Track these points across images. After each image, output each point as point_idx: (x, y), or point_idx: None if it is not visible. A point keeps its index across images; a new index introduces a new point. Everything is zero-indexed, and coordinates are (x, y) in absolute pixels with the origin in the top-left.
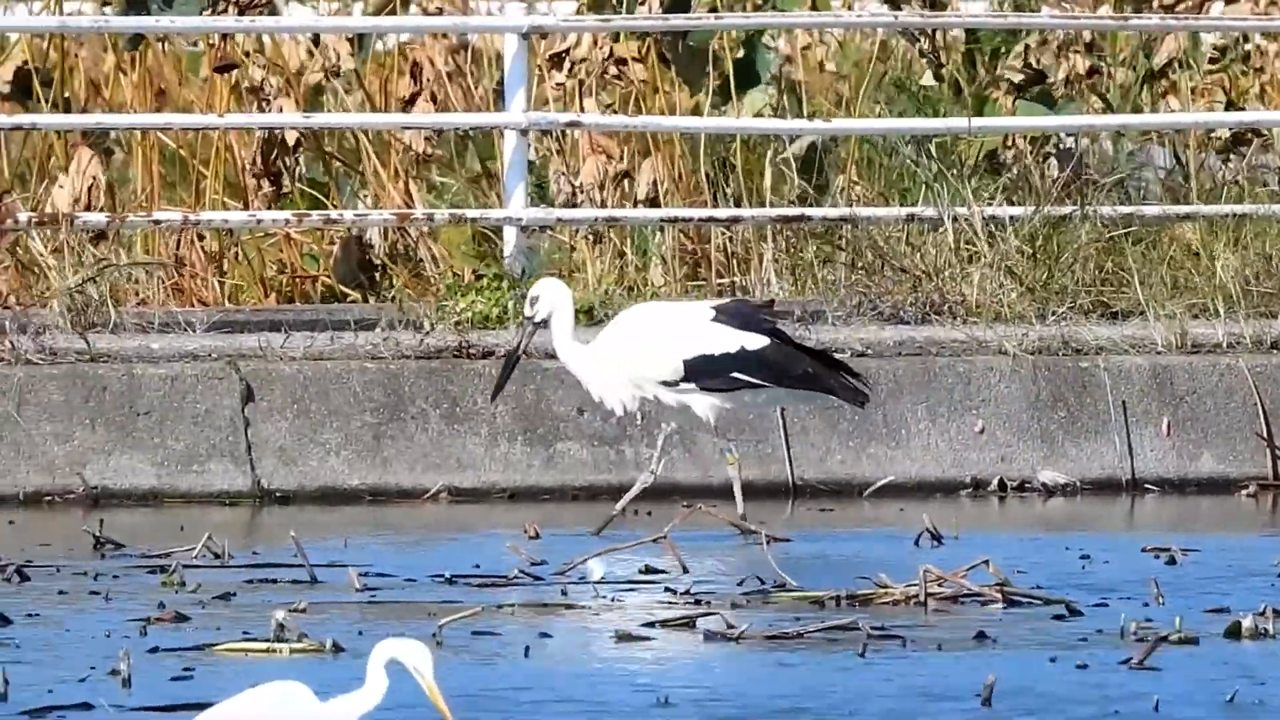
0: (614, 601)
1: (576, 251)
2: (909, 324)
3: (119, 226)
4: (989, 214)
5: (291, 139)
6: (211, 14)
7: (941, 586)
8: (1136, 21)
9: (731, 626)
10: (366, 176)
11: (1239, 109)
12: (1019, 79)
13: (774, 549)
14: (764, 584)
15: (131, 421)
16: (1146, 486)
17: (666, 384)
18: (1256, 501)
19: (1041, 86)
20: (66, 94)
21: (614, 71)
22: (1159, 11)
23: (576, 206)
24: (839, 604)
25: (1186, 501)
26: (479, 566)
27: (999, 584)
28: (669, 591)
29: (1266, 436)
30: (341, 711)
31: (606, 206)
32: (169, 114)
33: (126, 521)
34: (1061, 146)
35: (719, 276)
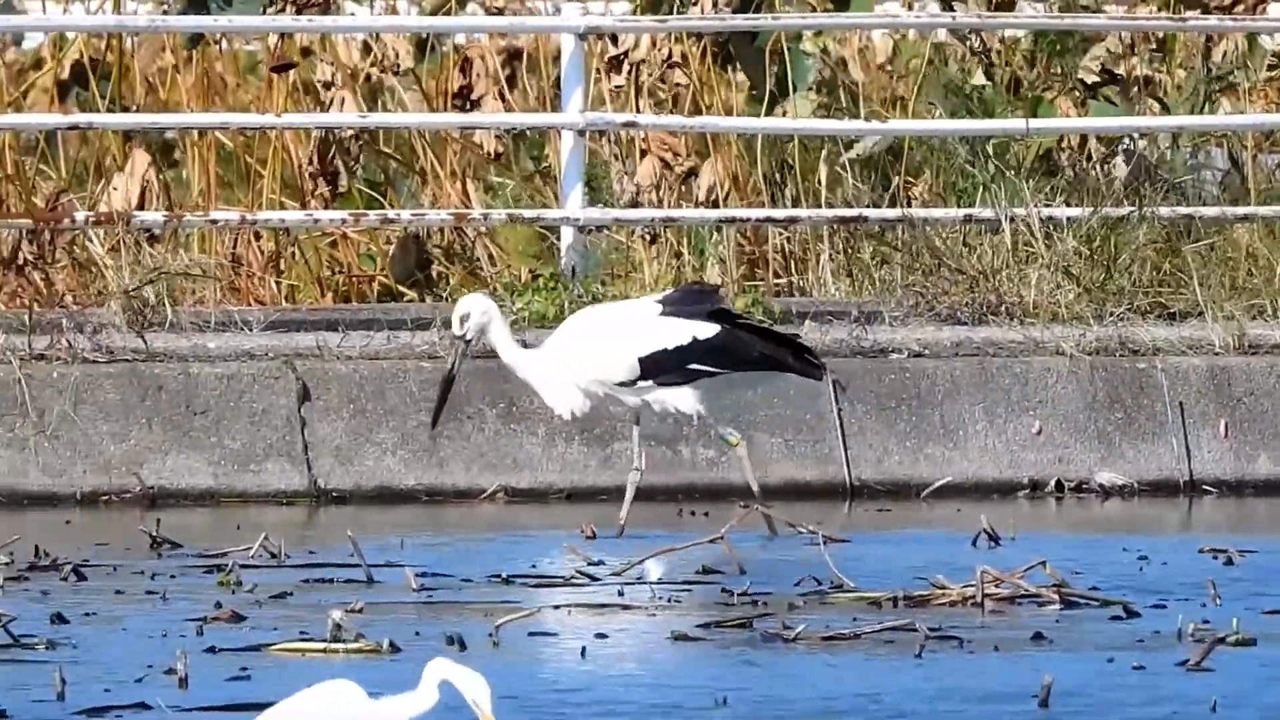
0: (671, 602)
1: (633, 252)
2: (966, 324)
3: (176, 226)
4: (1046, 215)
5: (348, 138)
6: (270, 13)
7: (999, 587)
8: (1195, 23)
9: (788, 627)
10: (424, 176)
11: None
12: (1093, 79)
13: (831, 549)
14: (821, 585)
15: (188, 421)
16: (1204, 488)
17: (624, 384)
18: None
19: (1117, 87)
20: (123, 93)
21: (672, 74)
22: (1216, 13)
23: (634, 207)
24: (896, 605)
25: (1244, 503)
26: (535, 567)
27: (1056, 585)
28: (726, 592)
29: None
30: (392, 712)
31: (664, 206)
32: (226, 113)
33: (183, 521)
34: (1121, 149)
35: (776, 277)
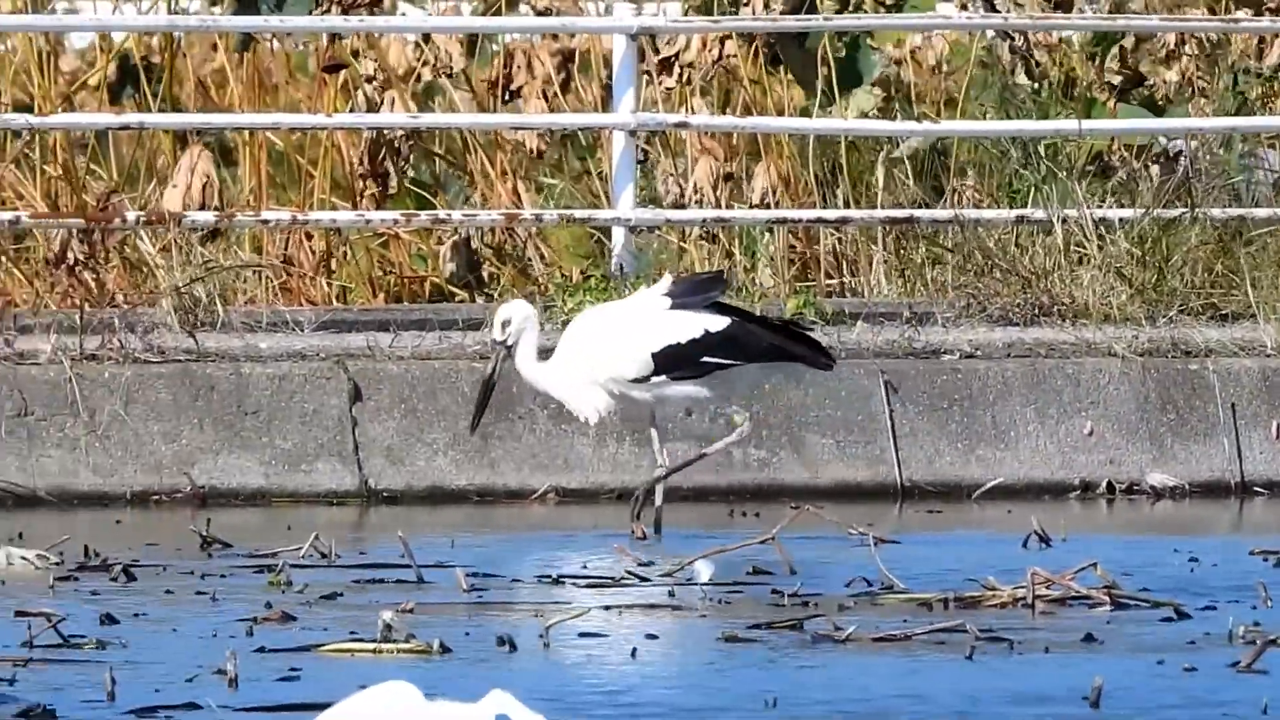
0: (721, 603)
1: (685, 253)
2: (1018, 325)
3: (227, 226)
4: (1098, 216)
5: (399, 138)
6: (318, 14)
7: (1049, 589)
8: (1247, 24)
9: (839, 628)
10: (475, 176)
11: None
12: (1118, 80)
13: (882, 551)
14: (871, 586)
15: (239, 421)
16: (1255, 489)
17: (638, 381)
18: None
19: (1147, 89)
20: (175, 93)
21: (723, 73)
22: (1268, 14)
23: (685, 207)
24: (947, 606)
25: None
26: (586, 567)
27: (1107, 586)
28: (776, 593)
29: None
30: (449, 717)
31: (717, 207)
32: (277, 114)
33: (233, 521)
34: (1171, 151)
35: (828, 278)
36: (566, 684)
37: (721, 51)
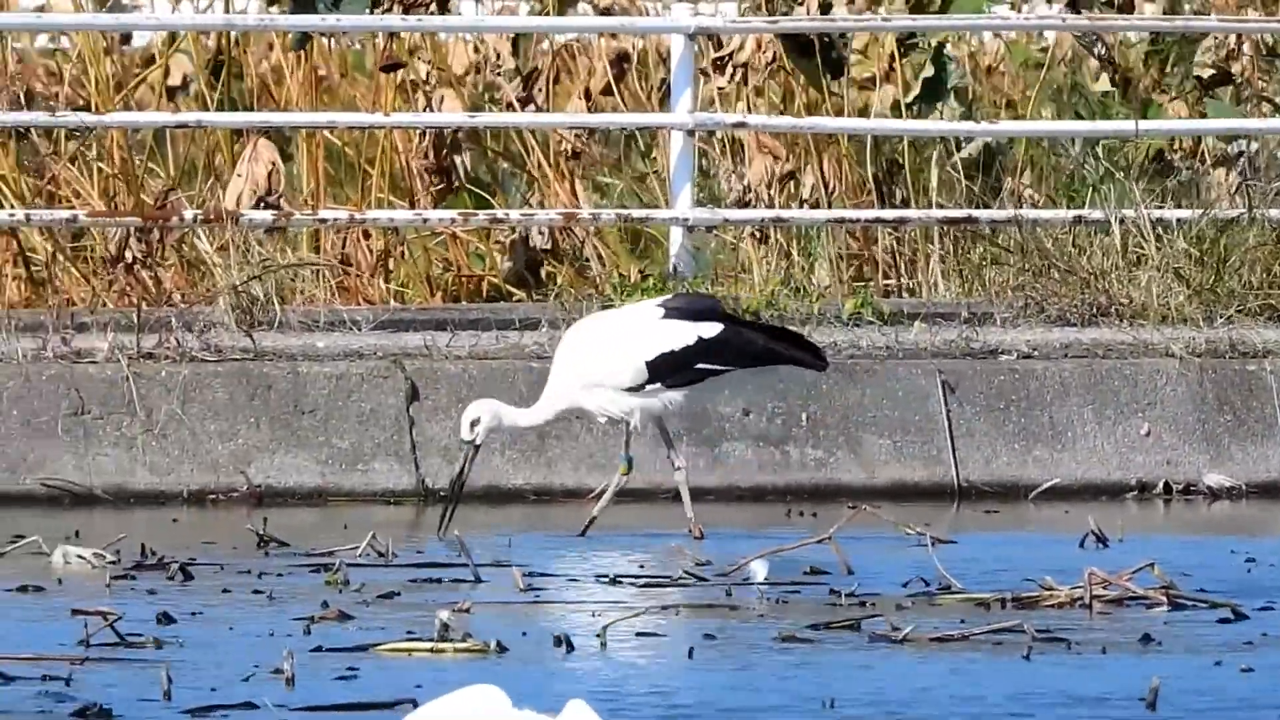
0: (778, 603)
1: (742, 253)
2: (1075, 326)
3: (285, 225)
4: (1156, 216)
5: (457, 137)
6: (377, 13)
7: (1106, 589)
8: None
9: (896, 629)
10: (533, 175)
11: None
12: (1209, 74)
13: (939, 551)
14: (929, 586)
15: (296, 420)
16: None
17: (631, 390)
18: None
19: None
20: (233, 92)
21: (782, 73)
22: None
23: (743, 207)
24: (1004, 606)
25: None
26: (643, 567)
27: (1164, 587)
28: (834, 593)
29: None
30: None
31: (774, 207)
32: (334, 112)
33: (290, 520)
34: (1231, 151)
35: (885, 278)
36: (623, 684)
37: (776, 51)
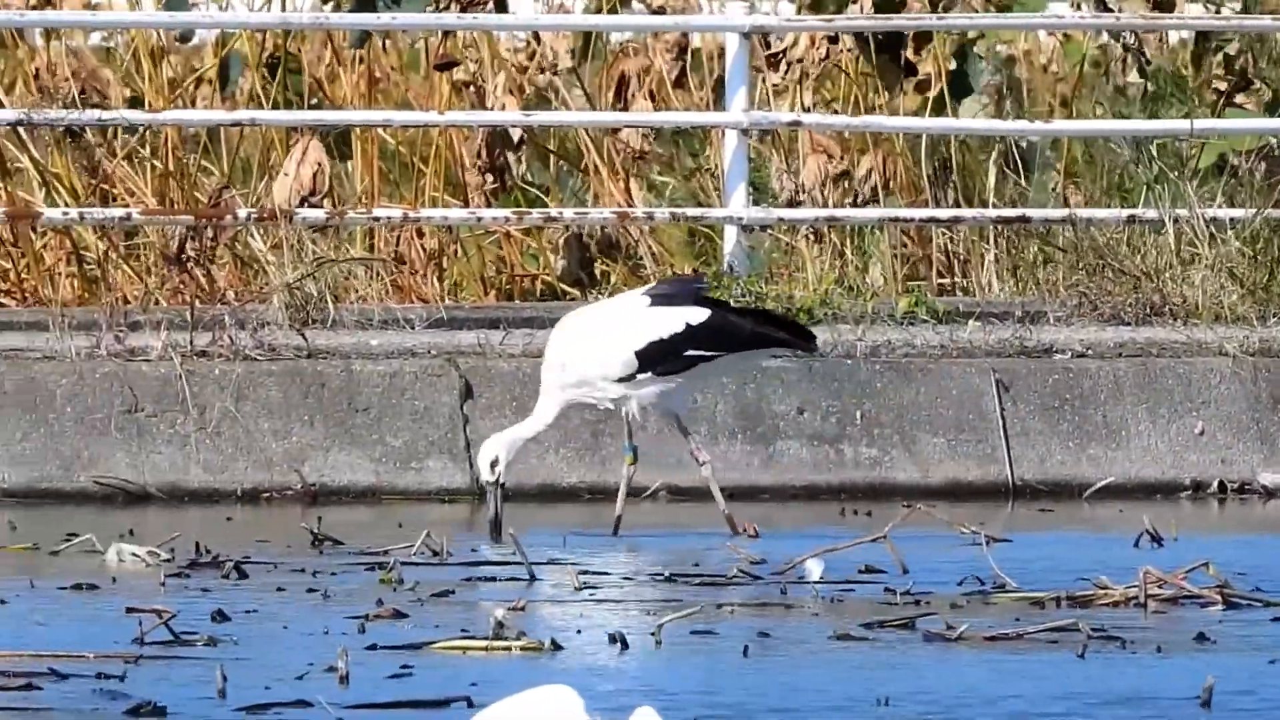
0: (833, 601)
1: (796, 252)
2: (1129, 325)
3: (338, 223)
4: (1210, 216)
5: (514, 136)
6: (435, 10)
7: (1161, 588)
8: None
9: (951, 627)
10: (587, 174)
11: None
12: (1224, 85)
13: (993, 549)
14: (983, 585)
15: (350, 418)
16: None
17: (622, 380)
18: None
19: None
20: (288, 90)
21: (836, 70)
22: None
23: (797, 206)
24: (1059, 605)
25: None
26: (698, 565)
27: (1219, 586)
28: (888, 591)
29: None
30: None
31: (827, 206)
32: (389, 111)
33: (344, 518)
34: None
35: (940, 277)
36: (678, 682)
37: (829, 49)
